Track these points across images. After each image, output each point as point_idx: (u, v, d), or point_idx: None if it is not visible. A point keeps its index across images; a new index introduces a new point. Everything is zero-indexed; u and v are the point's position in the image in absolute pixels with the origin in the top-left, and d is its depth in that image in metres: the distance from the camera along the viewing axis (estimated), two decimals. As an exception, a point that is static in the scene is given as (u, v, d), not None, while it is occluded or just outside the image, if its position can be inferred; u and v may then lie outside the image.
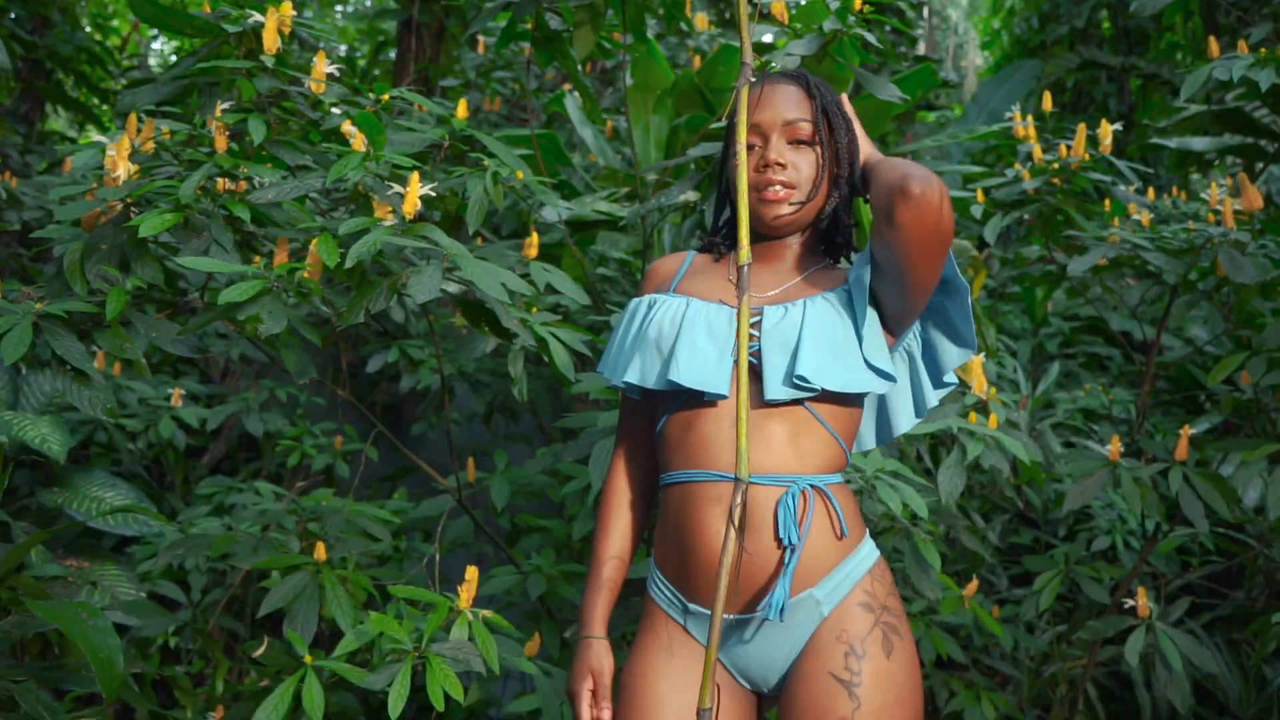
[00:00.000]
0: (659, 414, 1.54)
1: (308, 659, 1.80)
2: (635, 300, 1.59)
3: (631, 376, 1.49)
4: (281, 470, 4.42)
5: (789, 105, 1.52)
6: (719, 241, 1.66)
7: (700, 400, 1.47)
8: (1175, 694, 2.27)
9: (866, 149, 1.55)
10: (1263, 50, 2.54)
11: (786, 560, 1.39)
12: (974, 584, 2.57)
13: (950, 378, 1.61)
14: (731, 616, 1.45)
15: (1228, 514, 2.32)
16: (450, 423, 2.57)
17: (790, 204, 1.51)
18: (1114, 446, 2.52)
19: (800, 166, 1.51)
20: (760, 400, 1.43)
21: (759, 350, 1.43)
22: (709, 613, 1.40)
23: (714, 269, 1.61)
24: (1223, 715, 3.08)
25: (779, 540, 1.40)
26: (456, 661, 1.69)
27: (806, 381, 1.40)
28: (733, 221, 1.59)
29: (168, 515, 3.60)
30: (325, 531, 2.52)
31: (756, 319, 1.46)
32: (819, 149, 1.53)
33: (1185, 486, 2.34)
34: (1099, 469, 2.48)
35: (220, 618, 2.89)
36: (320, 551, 2.14)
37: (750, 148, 1.52)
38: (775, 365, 1.42)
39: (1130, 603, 2.44)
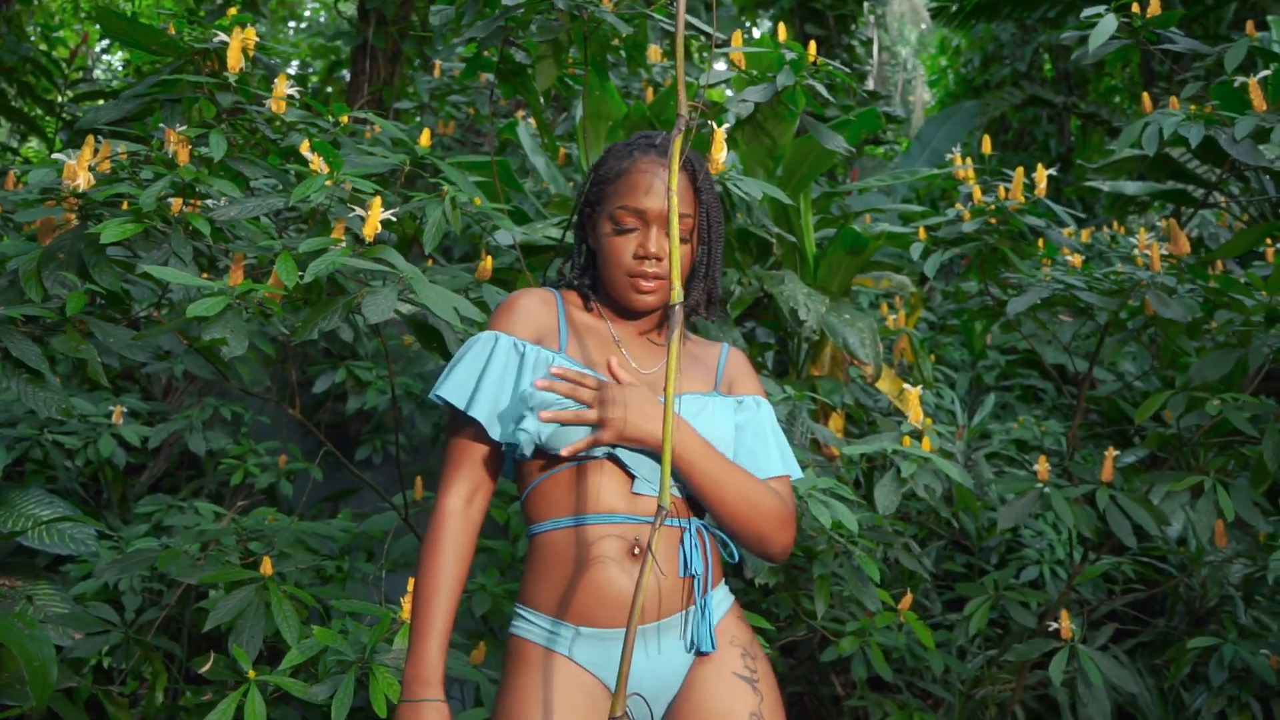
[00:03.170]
0: (534, 474, 1.52)
1: (251, 674, 1.80)
2: (508, 339, 1.52)
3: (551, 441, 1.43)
4: (223, 489, 4.37)
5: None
6: (588, 286, 1.65)
7: (588, 459, 1.49)
8: (1096, 712, 2.36)
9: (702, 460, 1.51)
10: (1193, 108, 2.67)
11: (696, 590, 1.49)
12: (909, 597, 2.64)
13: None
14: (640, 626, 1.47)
15: (1157, 530, 2.42)
16: (397, 445, 2.59)
17: (660, 294, 1.56)
18: (1042, 467, 2.62)
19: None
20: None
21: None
22: (604, 629, 1.45)
23: (593, 326, 1.61)
24: (1145, 739, 3.18)
25: (680, 571, 1.49)
26: (400, 671, 1.71)
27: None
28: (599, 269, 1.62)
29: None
30: (271, 547, 2.52)
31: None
32: (694, 242, 1.59)
33: (1112, 505, 2.45)
34: (1029, 490, 2.59)
35: (155, 637, 2.85)
36: (266, 566, 2.14)
37: (630, 230, 1.55)
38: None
39: (1055, 625, 2.54)
